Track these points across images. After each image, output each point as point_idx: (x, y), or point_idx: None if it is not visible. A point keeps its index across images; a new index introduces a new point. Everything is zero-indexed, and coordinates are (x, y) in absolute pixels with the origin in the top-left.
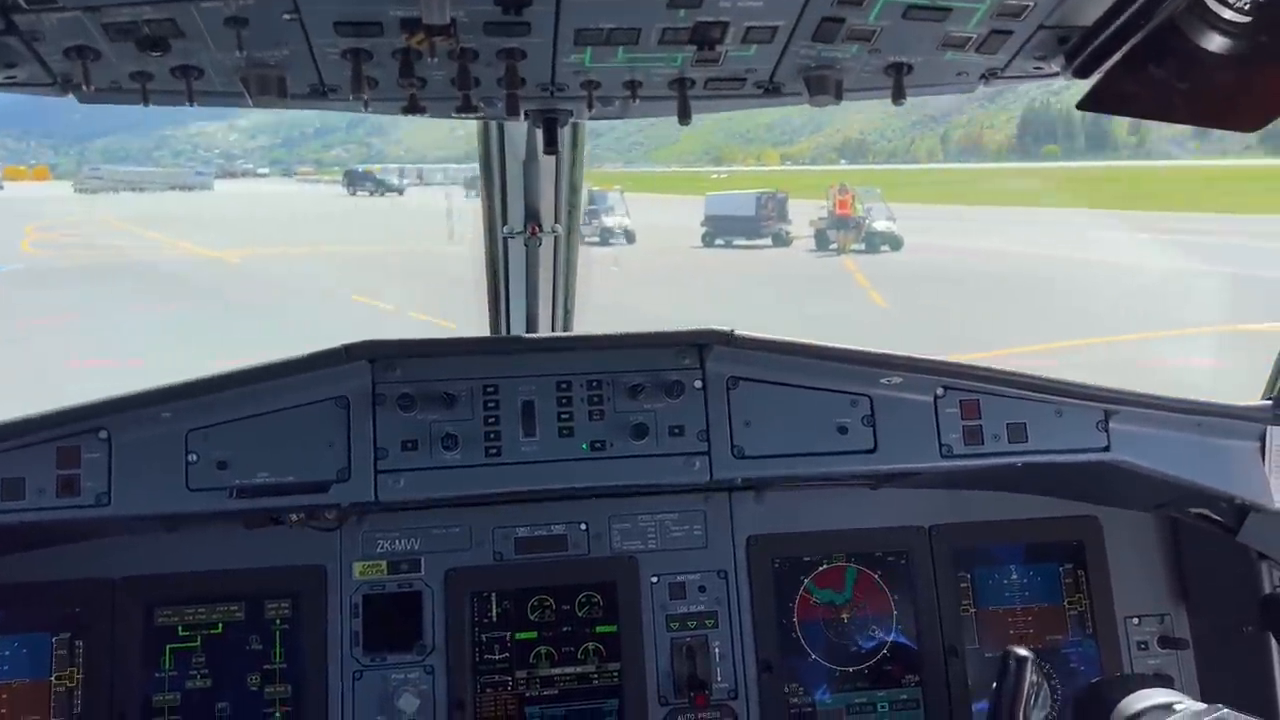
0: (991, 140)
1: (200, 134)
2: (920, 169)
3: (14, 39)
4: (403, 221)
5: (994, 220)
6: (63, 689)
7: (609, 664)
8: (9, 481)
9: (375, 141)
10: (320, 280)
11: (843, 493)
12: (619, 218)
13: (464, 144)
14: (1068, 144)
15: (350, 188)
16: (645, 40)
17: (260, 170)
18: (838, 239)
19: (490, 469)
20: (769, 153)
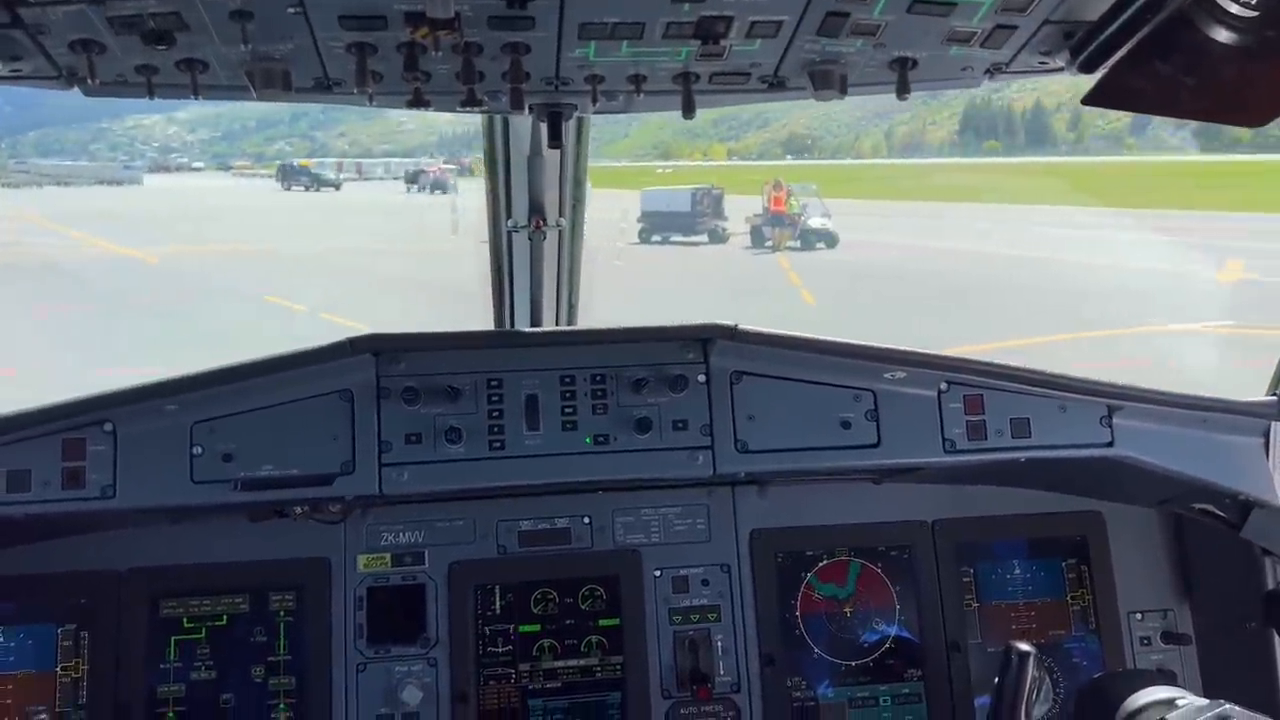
0: (934, 136)
1: (138, 126)
2: (865, 164)
3: (19, 32)
4: (335, 218)
5: (934, 215)
6: (68, 680)
7: (612, 657)
8: (14, 474)
9: (319, 135)
10: (237, 280)
11: (846, 487)
12: None
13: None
14: (1008, 140)
15: (284, 183)
16: (649, 34)
17: (195, 164)
18: (773, 236)
19: (494, 462)
20: (716, 148)
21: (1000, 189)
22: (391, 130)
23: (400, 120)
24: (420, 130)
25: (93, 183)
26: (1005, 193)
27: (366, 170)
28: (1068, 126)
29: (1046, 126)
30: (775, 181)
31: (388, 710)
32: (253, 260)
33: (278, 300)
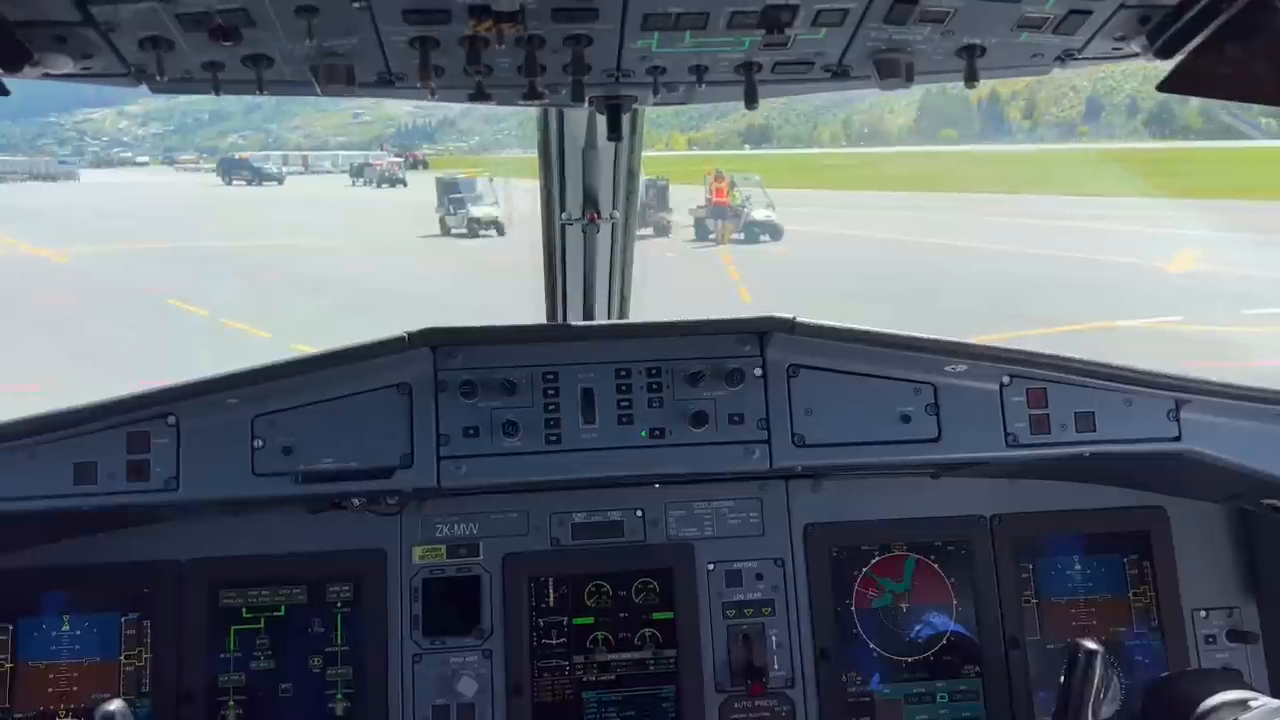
0: (892, 125)
1: (87, 120)
2: (824, 153)
3: (90, 30)
4: (267, 213)
5: (889, 206)
6: (132, 668)
7: (665, 650)
8: (81, 466)
9: (273, 127)
10: (144, 281)
11: (902, 481)
12: (487, 207)
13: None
14: (965, 128)
15: (225, 177)
16: (713, 24)
17: (139, 159)
18: (717, 229)
19: (550, 456)
20: (676, 137)
21: (955, 177)
22: (346, 122)
23: (355, 112)
24: (379, 122)
25: (26, 178)
26: (961, 181)
27: (313, 163)
28: (1022, 114)
29: (1001, 115)
30: (716, 171)
31: (444, 701)
32: (166, 259)
33: (179, 304)
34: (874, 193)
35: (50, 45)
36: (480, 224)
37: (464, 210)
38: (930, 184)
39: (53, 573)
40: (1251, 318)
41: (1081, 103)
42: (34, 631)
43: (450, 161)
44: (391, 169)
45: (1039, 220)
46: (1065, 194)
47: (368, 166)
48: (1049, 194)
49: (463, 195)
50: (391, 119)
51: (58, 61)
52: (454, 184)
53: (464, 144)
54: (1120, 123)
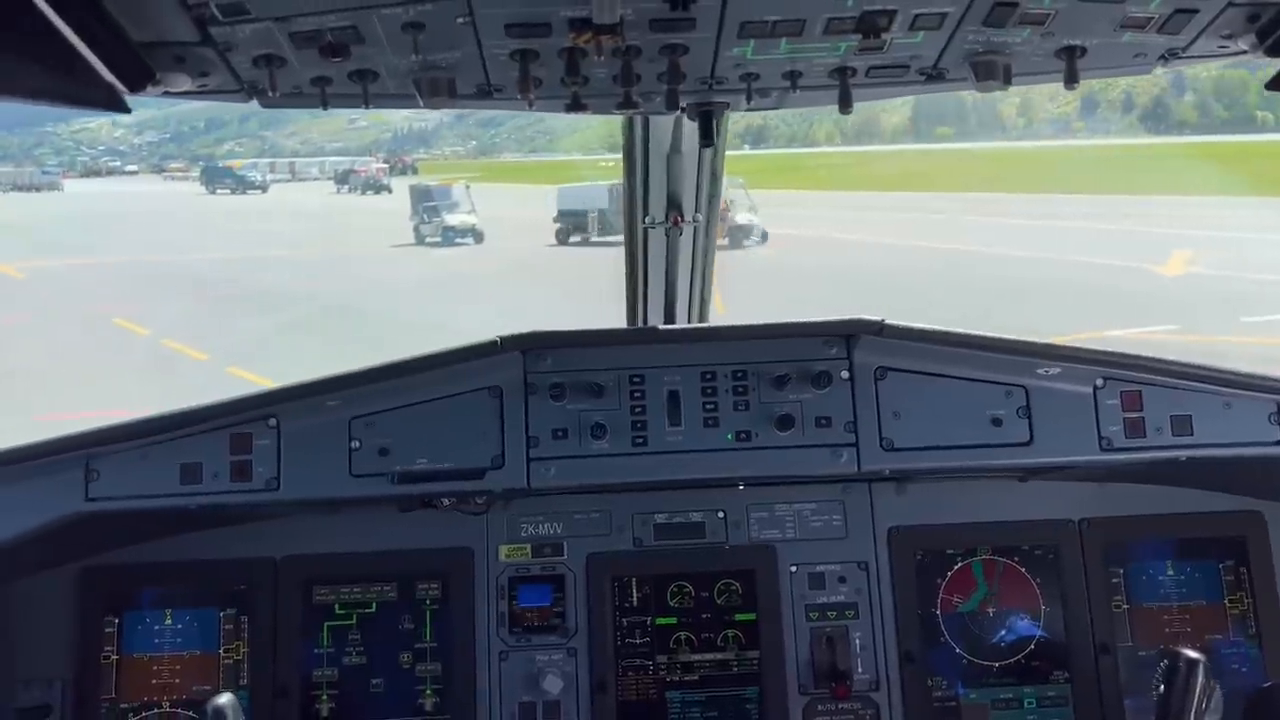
0: (887, 123)
1: (83, 130)
2: (820, 153)
3: (209, 50)
4: (242, 224)
5: (879, 206)
6: (230, 661)
7: (748, 652)
8: (187, 467)
9: (268, 135)
10: (95, 298)
11: (988, 484)
12: (463, 215)
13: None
14: (960, 125)
15: (209, 185)
16: (810, 30)
17: (128, 168)
18: None
19: (637, 458)
20: None
21: (949, 175)
22: (343, 128)
23: (351, 118)
24: (374, 127)
25: (9, 189)
26: (954, 179)
27: (300, 170)
28: (1017, 111)
29: (996, 112)
30: None
31: (530, 698)
32: (127, 274)
33: (125, 323)
34: (867, 193)
35: (170, 65)
36: (456, 232)
37: (439, 218)
38: (922, 183)
39: (155, 569)
40: (1251, 326)
41: (1076, 99)
42: (138, 625)
43: (445, 166)
44: (376, 175)
45: (1029, 220)
46: (1057, 192)
47: (352, 173)
48: (1041, 192)
49: (437, 203)
50: (387, 124)
51: (177, 80)
52: (428, 192)
53: (460, 148)
54: (1116, 119)
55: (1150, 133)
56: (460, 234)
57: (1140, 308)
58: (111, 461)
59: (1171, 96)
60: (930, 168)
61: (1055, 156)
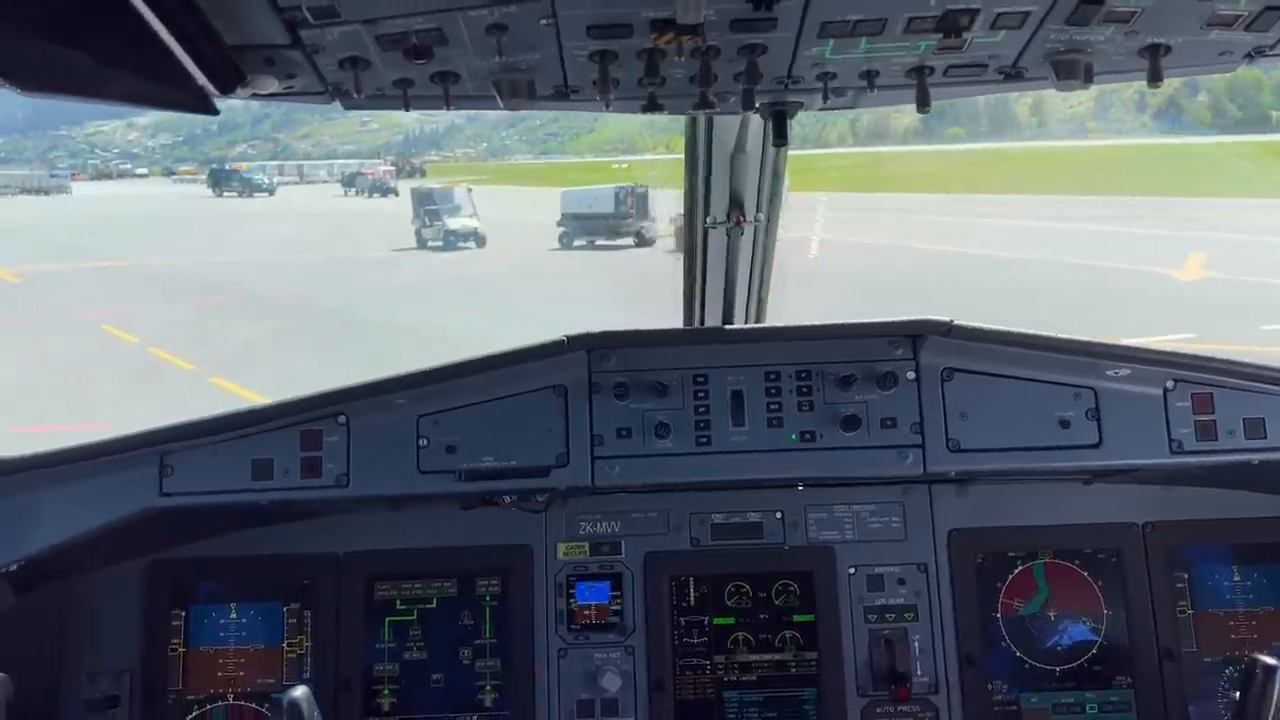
0: (899, 124)
1: (98, 133)
2: (831, 153)
3: (297, 52)
4: (249, 226)
5: (887, 208)
6: (294, 655)
7: (806, 653)
8: (259, 463)
9: (281, 137)
10: (88, 303)
11: (1051, 487)
12: (465, 219)
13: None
14: (971, 125)
15: (216, 188)
16: (890, 30)
17: (139, 171)
18: None
19: (701, 457)
20: (678, 140)
21: (959, 177)
22: (354, 130)
23: (363, 120)
24: (386, 129)
25: (18, 192)
26: (964, 181)
27: (308, 173)
28: (1030, 111)
29: (1009, 112)
30: None
31: (588, 696)
32: (123, 279)
33: (114, 331)
34: (878, 195)
35: (260, 67)
36: (458, 236)
37: (440, 222)
38: (933, 184)
39: (221, 563)
40: (1273, 334)
41: (1090, 99)
42: (204, 618)
43: (455, 169)
44: (383, 178)
45: (1039, 222)
46: (1069, 193)
47: (359, 176)
48: (1052, 194)
49: (438, 207)
50: (399, 126)
51: (265, 82)
52: (429, 195)
53: (471, 150)
54: (1129, 119)
55: (1164, 133)
56: (462, 238)
57: (1155, 314)
58: (185, 458)
59: (1185, 96)
60: (941, 169)
61: (1067, 157)
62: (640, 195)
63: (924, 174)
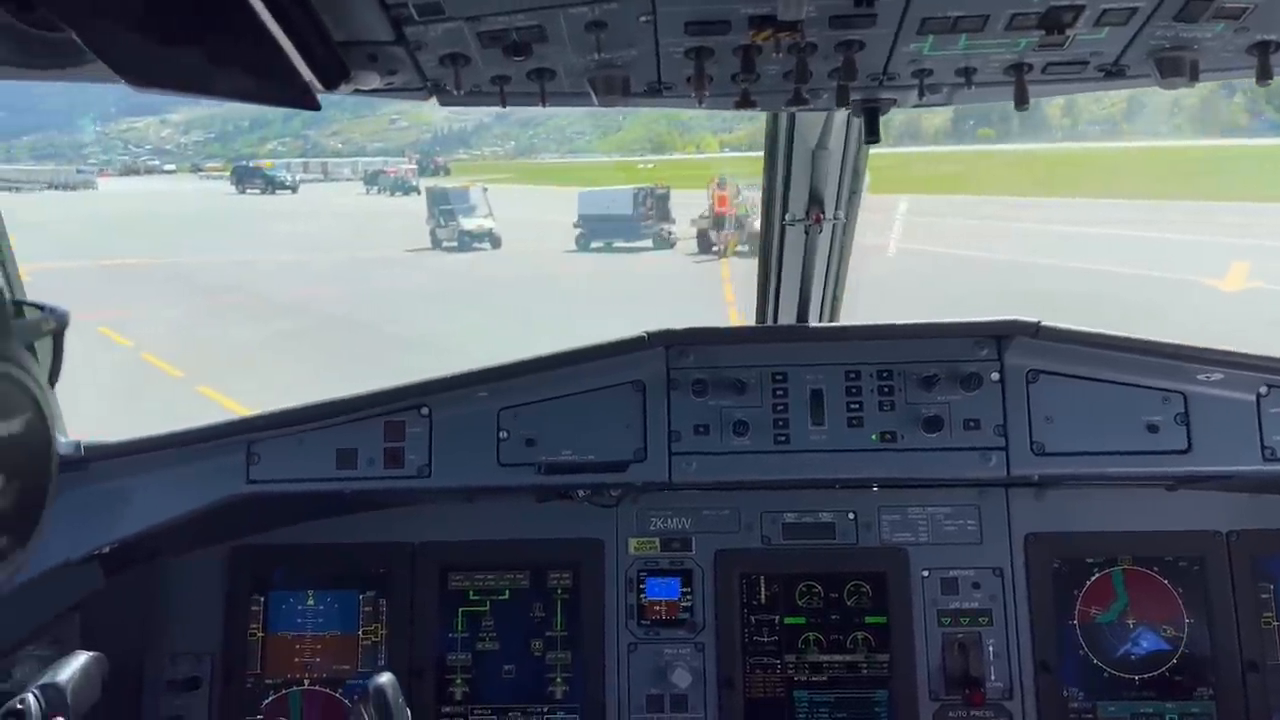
0: (929, 124)
1: (130, 130)
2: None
3: (400, 49)
4: (267, 225)
5: (913, 211)
6: (369, 643)
7: (878, 655)
8: (344, 452)
9: (311, 134)
10: (87, 302)
11: (1132, 492)
12: (480, 219)
13: (401, 136)
14: (1002, 126)
15: (239, 185)
16: (991, 26)
17: (166, 167)
18: (720, 240)
19: (779, 456)
20: (708, 139)
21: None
22: (384, 128)
23: (392, 117)
24: (415, 127)
25: (44, 187)
26: (996, 183)
27: (332, 171)
28: (1062, 112)
29: (1040, 113)
30: (719, 178)
31: (658, 691)
32: (130, 278)
33: (109, 333)
34: (907, 196)
35: (363, 63)
36: (473, 236)
37: (455, 222)
38: (962, 186)
39: (299, 551)
40: None
41: (1123, 100)
42: (282, 604)
43: (480, 167)
44: (405, 176)
45: (1070, 226)
46: (1102, 197)
47: (381, 174)
48: (1084, 197)
49: (453, 206)
50: (428, 124)
51: (367, 78)
52: (444, 195)
53: (499, 148)
54: (1163, 120)
55: (1199, 135)
56: (477, 238)
57: (1198, 326)
58: (271, 446)
59: (1221, 98)
60: (969, 170)
61: (1100, 158)
62: (660, 197)
63: (952, 175)
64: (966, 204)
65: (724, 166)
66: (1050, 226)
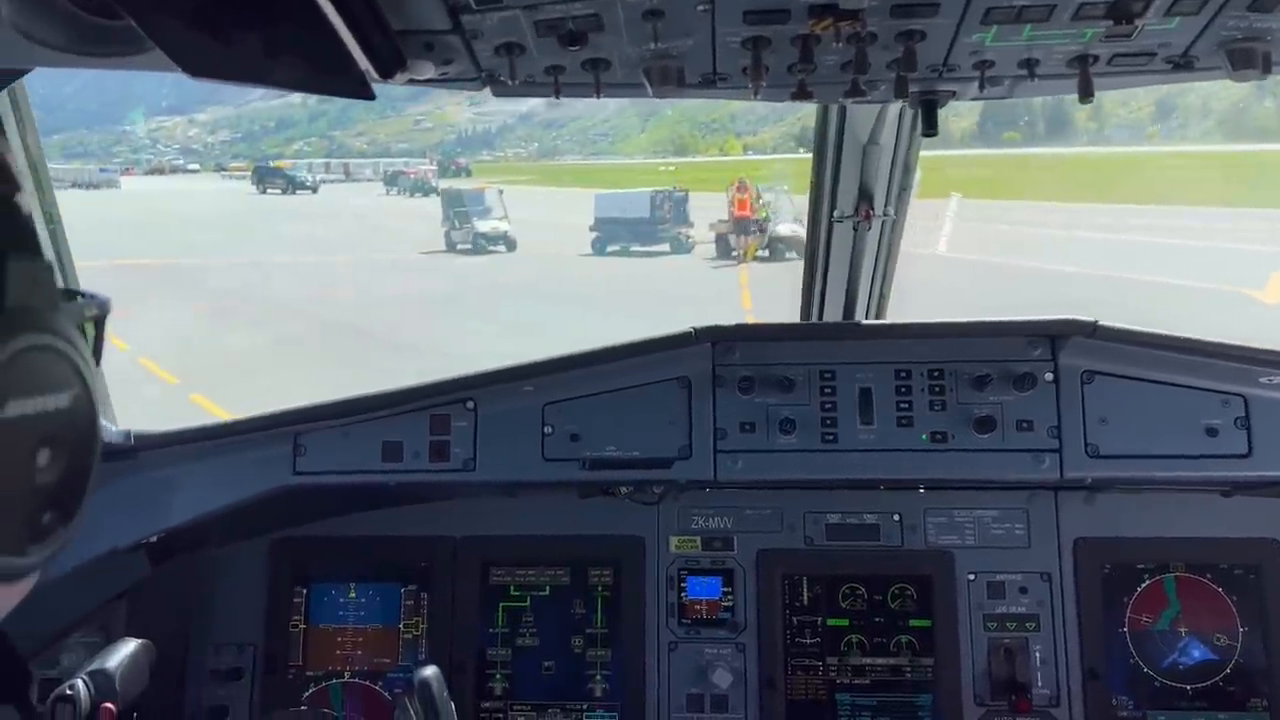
0: (956, 127)
1: (159, 129)
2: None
3: (456, 38)
4: (283, 225)
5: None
6: (410, 636)
7: (922, 659)
8: (389, 445)
9: (336, 134)
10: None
11: (1185, 498)
12: (495, 221)
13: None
14: (1028, 130)
15: (259, 185)
16: (1057, 16)
17: (190, 166)
18: (740, 245)
19: (826, 455)
20: (732, 142)
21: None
22: (408, 129)
23: (417, 118)
24: (440, 128)
25: (68, 186)
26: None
27: (354, 171)
28: (1089, 116)
29: (1067, 116)
30: (739, 181)
31: (698, 690)
32: (142, 278)
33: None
34: (931, 200)
35: (420, 52)
36: (487, 239)
37: (469, 225)
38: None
39: (341, 543)
40: None
41: (1151, 103)
42: (324, 597)
43: (502, 169)
44: (424, 177)
45: (1098, 233)
46: (1131, 203)
47: (401, 175)
48: (1112, 203)
49: (468, 209)
50: (453, 125)
51: (423, 67)
52: (459, 196)
53: (522, 150)
54: (1193, 124)
55: (1229, 139)
56: (492, 240)
57: (1241, 338)
58: (317, 438)
59: (1253, 100)
60: (995, 174)
61: (1128, 163)
62: (678, 200)
63: (982, 180)
64: (998, 210)
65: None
66: (1077, 233)
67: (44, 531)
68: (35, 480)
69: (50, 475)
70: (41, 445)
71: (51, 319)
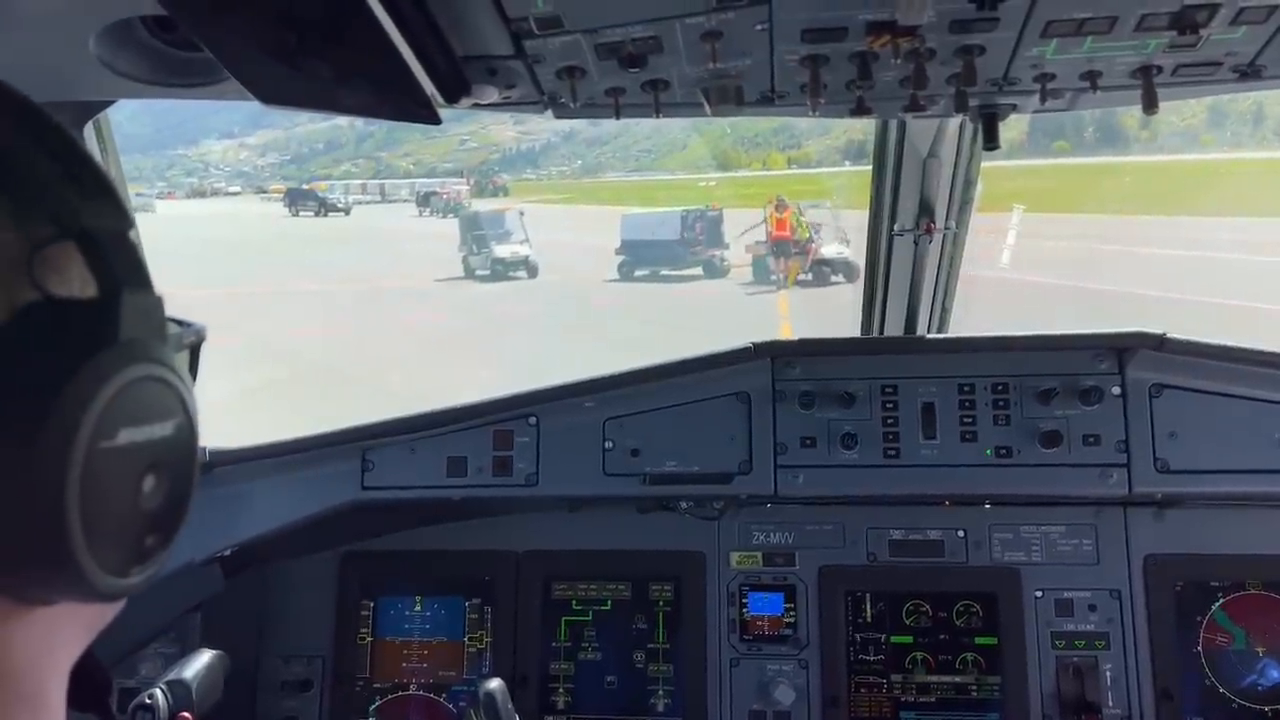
0: (1005, 137)
1: (210, 152)
2: None
3: (519, 62)
4: (305, 250)
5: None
6: (474, 650)
7: (989, 677)
8: (454, 460)
9: (383, 155)
10: None
11: (1259, 514)
12: (515, 246)
13: (470, 156)
14: (1077, 139)
15: (291, 207)
16: (1120, 28)
17: (231, 189)
18: (779, 268)
19: (889, 470)
20: (775, 157)
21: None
22: (453, 149)
23: (462, 138)
24: (484, 148)
25: None
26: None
27: (390, 192)
28: (1140, 124)
29: (1118, 124)
30: (777, 199)
31: (760, 707)
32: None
33: None
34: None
35: (483, 77)
36: (507, 265)
37: (487, 250)
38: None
39: (408, 557)
40: None
41: (1203, 110)
42: (390, 610)
43: (541, 187)
44: (456, 198)
45: (1156, 249)
46: (1187, 214)
47: (434, 195)
48: (1170, 215)
49: (485, 232)
50: (497, 145)
51: (486, 92)
52: (476, 220)
53: (565, 167)
54: (1248, 131)
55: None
56: (511, 266)
57: None
58: (384, 454)
59: None
60: (1046, 186)
61: (1182, 171)
62: (712, 219)
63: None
64: (1052, 223)
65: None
66: (1136, 248)
67: (146, 554)
68: (141, 505)
69: (154, 500)
70: (148, 471)
71: (160, 350)
